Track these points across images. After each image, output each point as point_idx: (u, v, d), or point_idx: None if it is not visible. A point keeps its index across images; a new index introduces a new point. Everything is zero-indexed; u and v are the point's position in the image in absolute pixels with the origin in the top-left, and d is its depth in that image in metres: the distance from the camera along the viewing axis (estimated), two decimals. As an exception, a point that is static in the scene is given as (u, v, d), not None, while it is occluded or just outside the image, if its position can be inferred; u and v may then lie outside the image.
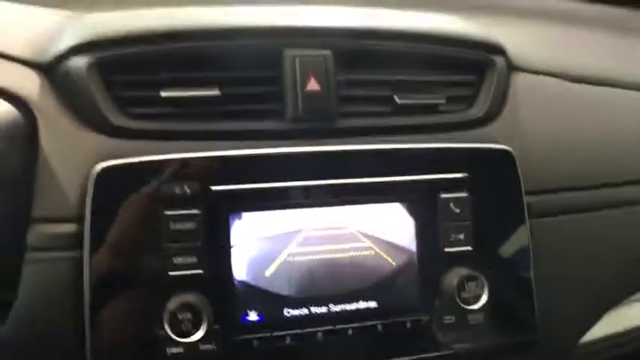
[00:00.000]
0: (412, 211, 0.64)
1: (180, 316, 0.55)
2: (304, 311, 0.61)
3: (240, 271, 0.59)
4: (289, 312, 0.60)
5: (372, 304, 0.62)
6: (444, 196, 0.64)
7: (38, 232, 0.57)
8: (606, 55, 0.92)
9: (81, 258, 0.57)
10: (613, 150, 0.79)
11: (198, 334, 0.55)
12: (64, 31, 0.61)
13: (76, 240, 0.58)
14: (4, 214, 0.57)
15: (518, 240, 0.67)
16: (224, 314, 0.58)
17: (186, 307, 0.55)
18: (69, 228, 0.58)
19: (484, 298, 0.62)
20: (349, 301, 0.62)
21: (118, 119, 0.59)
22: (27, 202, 0.57)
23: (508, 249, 0.67)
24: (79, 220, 0.58)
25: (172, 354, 0.57)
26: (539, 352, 0.73)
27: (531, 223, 0.68)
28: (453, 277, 0.62)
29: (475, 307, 0.62)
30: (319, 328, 0.60)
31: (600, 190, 0.76)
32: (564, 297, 0.74)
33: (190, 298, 0.56)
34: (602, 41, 0.98)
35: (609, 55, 0.92)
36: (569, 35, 0.96)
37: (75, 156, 0.59)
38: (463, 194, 0.64)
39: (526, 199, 0.68)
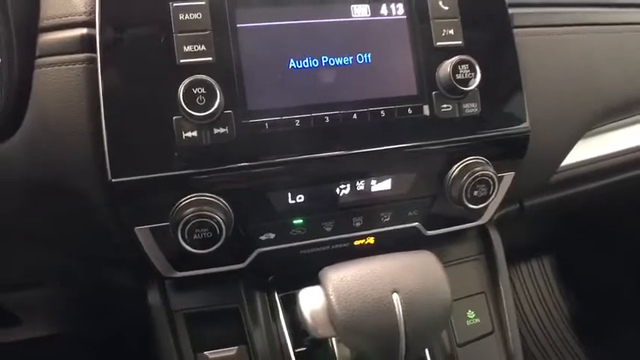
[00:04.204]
0: (403, 9, 0.68)
1: (194, 90, 0.58)
2: (312, 99, 0.65)
3: (249, 59, 0.63)
4: (298, 99, 0.64)
5: (376, 95, 0.66)
6: None
7: (48, 40, 0.62)
8: None
9: (91, 60, 0.61)
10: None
11: (212, 110, 0.58)
12: None
13: (86, 43, 0.61)
14: (17, 23, 0.60)
15: (503, 39, 0.72)
16: (235, 99, 0.62)
17: (199, 82, 0.58)
18: (79, 32, 0.62)
19: (477, 79, 0.66)
20: (355, 92, 0.66)
21: None
22: (35, 13, 0.62)
23: (495, 45, 0.72)
24: (88, 24, 0.61)
25: (187, 138, 0.60)
26: (527, 172, 0.77)
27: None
28: (447, 64, 0.66)
29: (469, 87, 0.66)
30: (327, 113, 0.64)
31: (573, 8, 0.82)
32: (545, 115, 0.78)
33: (202, 77, 0.59)
34: None
35: None
36: None
37: None
38: None
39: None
